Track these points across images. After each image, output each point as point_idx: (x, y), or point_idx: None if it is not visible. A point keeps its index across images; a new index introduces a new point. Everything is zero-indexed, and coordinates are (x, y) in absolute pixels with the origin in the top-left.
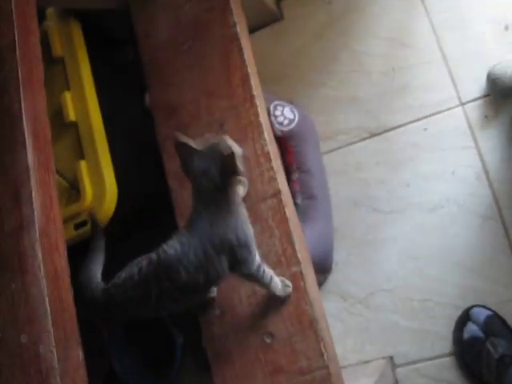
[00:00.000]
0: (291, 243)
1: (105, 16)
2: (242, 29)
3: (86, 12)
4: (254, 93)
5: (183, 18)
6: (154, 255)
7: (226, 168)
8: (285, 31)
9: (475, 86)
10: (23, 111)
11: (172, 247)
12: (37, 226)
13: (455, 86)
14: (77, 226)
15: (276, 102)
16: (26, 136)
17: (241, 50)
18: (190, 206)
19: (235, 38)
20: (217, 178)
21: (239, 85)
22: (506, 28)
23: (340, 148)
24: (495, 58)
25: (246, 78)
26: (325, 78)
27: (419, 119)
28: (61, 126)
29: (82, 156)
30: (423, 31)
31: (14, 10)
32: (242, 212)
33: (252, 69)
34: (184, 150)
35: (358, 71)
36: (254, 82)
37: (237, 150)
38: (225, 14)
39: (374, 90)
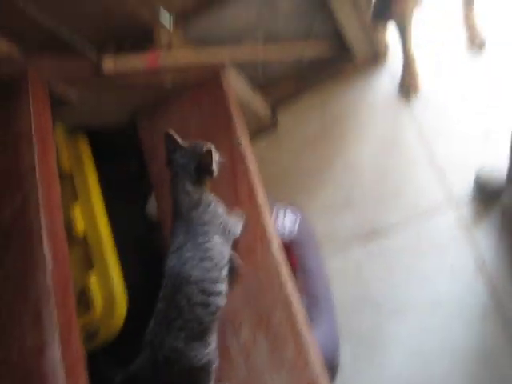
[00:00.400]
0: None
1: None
2: (246, 145)
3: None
4: (261, 204)
5: (190, 132)
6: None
7: (202, 166)
8: (280, 138)
9: (464, 187)
10: (43, 231)
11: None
12: (58, 346)
13: (445, 187)
14: (87, 338)
15: (277, 206)
16: (46, 256)
17: (247, 167)
18: None
19: (241, 155)
20: (192, 173)
21: (246, 199)
22: (489, 134)
23: (339, 250)
24: (481, 162)
25: (252, 191)
26: (320, 183)
27: (414, 220)
28: (69, 238)
29: (90, 267)
30: (412, 138)
31: (34, 134)
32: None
33: (258, 181)
34: (170, 142)
35: (351, 176)
36: (260, 194)
37: (215, 153)
38: (229, 130)
39: (368, 194)
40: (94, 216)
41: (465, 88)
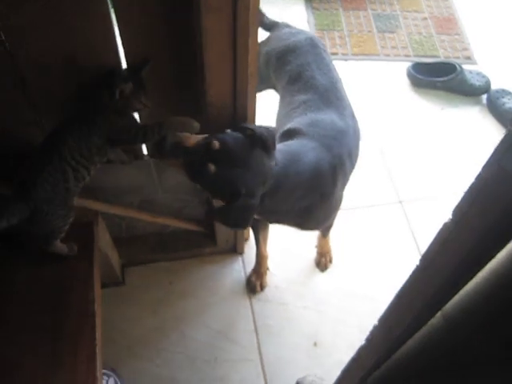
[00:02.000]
0: None
1: None
2: (97, 307)
3: None
4: (98, 374)
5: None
6: None
7: None
8: (123, 297)
9: None
10: None
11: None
12: None
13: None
14: None
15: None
16: None
17: (94, 328)
18: None
19: (91, 315)
20: None
21: (84, 361)
22: (315, 344)
23: None
24: (305, 369)
25: (92, 357)
26: (151, 353)
27: None
28: None
29: None
30: (247, 330)
31: None
32: None
33: (99, 347)
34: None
35: (183, 353)
36: (99, 362)
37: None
38: (86, 286)
39: (194, 376)
40: None
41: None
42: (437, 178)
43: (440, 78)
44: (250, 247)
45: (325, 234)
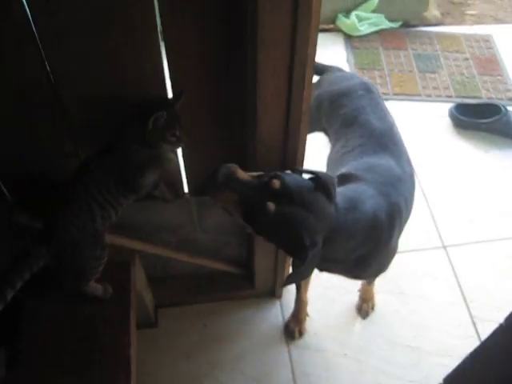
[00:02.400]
0: None
1: None
2: (133, 351)
3: None
4: None
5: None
6: None
7: None
8: (156, 340)
9: None
10: None
11: None
12: None
13: None
14: None
15: None
16: None
17: (129, 374)
18: None
19: (126, 360)
20: None
21: None
22: None
23: None
24: None
25: None
26: None
27: None
28: None
29: None
30: (285, 379)
31: None
32: None
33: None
34: None
35: None
36: None
37: None
38: (121, 329)
39: None
40: None
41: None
42: (482, 222)
43: (484, 119)
44: (289, 291)
45: (371, 280)
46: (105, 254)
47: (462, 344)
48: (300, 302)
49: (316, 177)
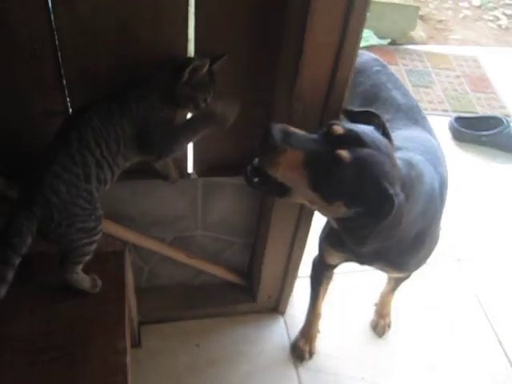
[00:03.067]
0: None
1: None
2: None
3: None
4: None
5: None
6: None
7: None
8: (138, 362)
9: None
10: None
11: None
12: None
13: None
14: None
15: None
16: None
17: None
18: None
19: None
20: None
21: None
22: None
23: None
24: None
25: None
26: None
27: None
28: None
29: None
30: None
31: None
32: None
33: None
34: None
35: None
36: None
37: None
38: (115, 333)
39: None
40: None
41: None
42: (489, 235)
43: (485, 131)
44: (293, 305)
45: (395, 286)
46: (99, 229)
47: (486, 365)
48: (313, 315)
49: (371, 114)
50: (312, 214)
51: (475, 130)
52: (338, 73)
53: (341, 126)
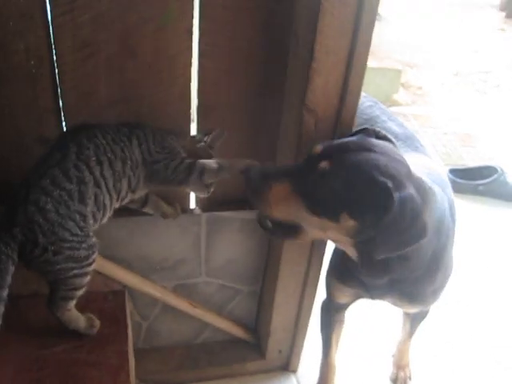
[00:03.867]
0: None
1: None
2: None
3: None
4: None
5: None
6: None
7: None
8: None
9: None
10: None
11: None
12: None
13: None
14: None
15: None
16: None
17: None
18: None
19: None
20: None
21: None
22: None
23: None
24: None
25: None
26: None
27: None
28: None
29: None
30: None
31: None
32: None
33: None
34: None
35: None
36: None
37: None
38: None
39: None
40: None
41: None
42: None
43: (480, 180)
44: (305, 362)
45: (412, 329)
46: (92, 259)
47: None
48: (328, 367)
49: (361, 130)
50: (324, 249)
51: (471, 180)
52: (350, 80)
53: (320, 144)
